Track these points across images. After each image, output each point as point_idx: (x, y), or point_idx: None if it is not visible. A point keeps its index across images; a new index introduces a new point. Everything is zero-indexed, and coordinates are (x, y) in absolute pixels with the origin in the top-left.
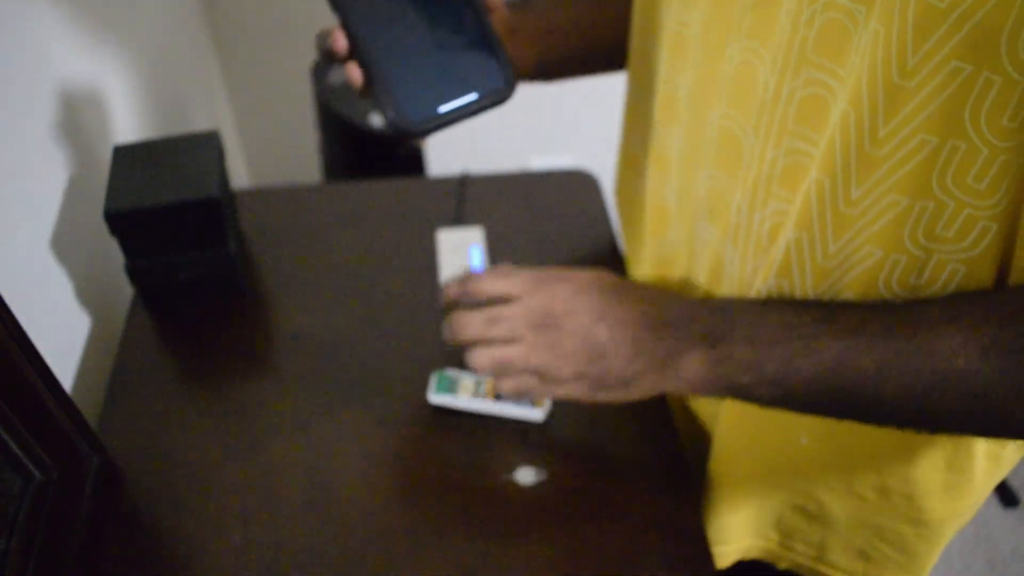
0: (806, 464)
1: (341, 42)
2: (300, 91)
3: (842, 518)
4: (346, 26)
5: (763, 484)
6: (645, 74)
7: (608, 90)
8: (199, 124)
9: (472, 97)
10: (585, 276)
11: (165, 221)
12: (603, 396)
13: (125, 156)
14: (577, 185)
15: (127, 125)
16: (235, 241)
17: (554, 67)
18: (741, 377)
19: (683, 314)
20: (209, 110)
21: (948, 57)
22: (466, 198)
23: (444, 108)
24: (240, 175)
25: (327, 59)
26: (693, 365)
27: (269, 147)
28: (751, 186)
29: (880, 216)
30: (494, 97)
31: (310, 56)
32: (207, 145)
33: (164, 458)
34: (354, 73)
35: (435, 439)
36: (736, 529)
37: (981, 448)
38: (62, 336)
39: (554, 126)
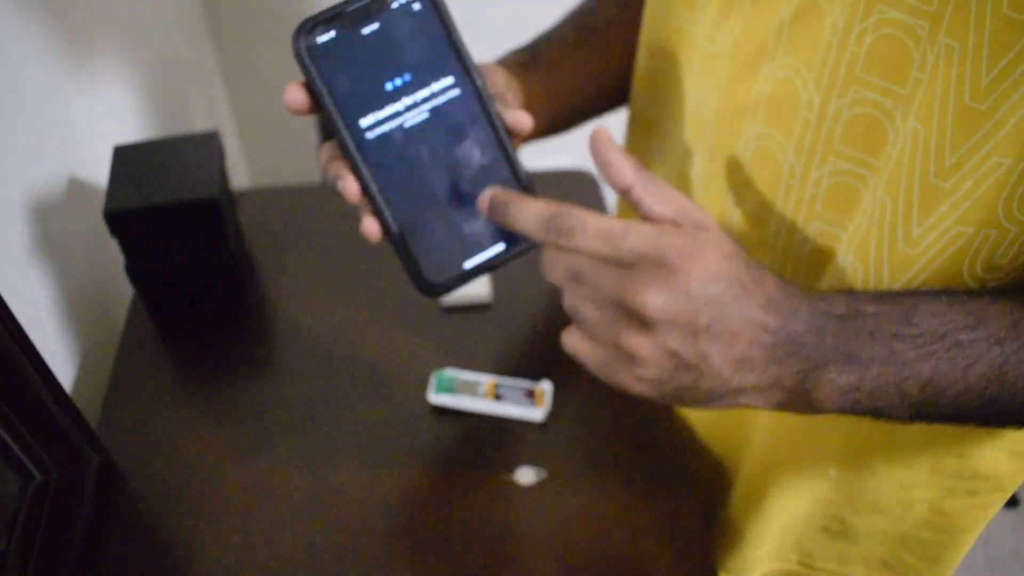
0: (832, 493)
1: (353, 189)
2: None
3: (865, 532)
4: (359, 176)
5: (788, 515)
6: (658, 97)
7: None
8: (199, 124)
9: (500, 248)
10: (701, 270)
11: (165, 221)
12: (678, 403)
13: (125, 156)
14: (577, 185)
15: (127, 125)
16: (235, 241)
17: (563, 120)
18: (877, 402)
19: (808, 326)
20: (209, 110)
21: None
22: None
23: (469, 264)
24: (240, 175)
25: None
26: (819, 390)
27: (269, 147)
28: (792, 206)
29: (946, 248)
30: (523, 245)
31: None
32: (207, 145)
33: (164, 458)
34: (371, 229)
35: (435, 439)
36: (759, 562)
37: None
38: (62, 336)
39: None
